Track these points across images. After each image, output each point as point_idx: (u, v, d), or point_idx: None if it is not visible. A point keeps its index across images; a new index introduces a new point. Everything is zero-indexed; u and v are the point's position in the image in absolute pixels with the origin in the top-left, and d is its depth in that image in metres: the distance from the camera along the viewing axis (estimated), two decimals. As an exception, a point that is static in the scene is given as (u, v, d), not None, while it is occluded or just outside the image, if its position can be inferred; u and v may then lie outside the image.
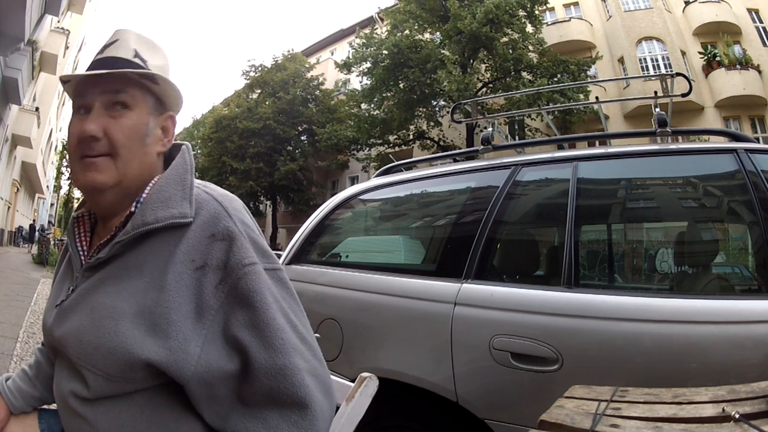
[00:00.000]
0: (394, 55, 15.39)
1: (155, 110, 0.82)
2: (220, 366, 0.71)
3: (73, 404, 0.74)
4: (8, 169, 16.44)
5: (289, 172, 21.99)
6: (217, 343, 0.71)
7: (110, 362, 0.69)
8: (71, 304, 0.77)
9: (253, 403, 0.72)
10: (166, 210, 0.75)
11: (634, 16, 15.96)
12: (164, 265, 0.72)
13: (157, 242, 0.75)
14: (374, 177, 2.29)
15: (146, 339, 0.69)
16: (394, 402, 1.54)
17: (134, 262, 0.74)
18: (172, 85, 0.82)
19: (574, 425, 0.70)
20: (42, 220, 28.10)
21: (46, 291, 7.39)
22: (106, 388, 0.71)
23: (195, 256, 0.73)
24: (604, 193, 1.86)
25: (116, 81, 0.77)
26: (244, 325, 0.71)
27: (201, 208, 0.76)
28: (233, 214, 0.77)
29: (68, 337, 0.74)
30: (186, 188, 0.78)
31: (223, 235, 0.74)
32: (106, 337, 0.70)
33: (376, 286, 1.73)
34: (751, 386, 0.75)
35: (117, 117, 0.77)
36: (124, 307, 0.71)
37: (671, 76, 2.04)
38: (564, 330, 1.33)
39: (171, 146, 0.86)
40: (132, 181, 0.78)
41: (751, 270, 1.60)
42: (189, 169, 0.81)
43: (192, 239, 0.74)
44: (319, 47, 27.10)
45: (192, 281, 0.72)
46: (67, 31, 13.61)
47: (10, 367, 3.30)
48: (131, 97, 0.78)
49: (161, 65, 0.83)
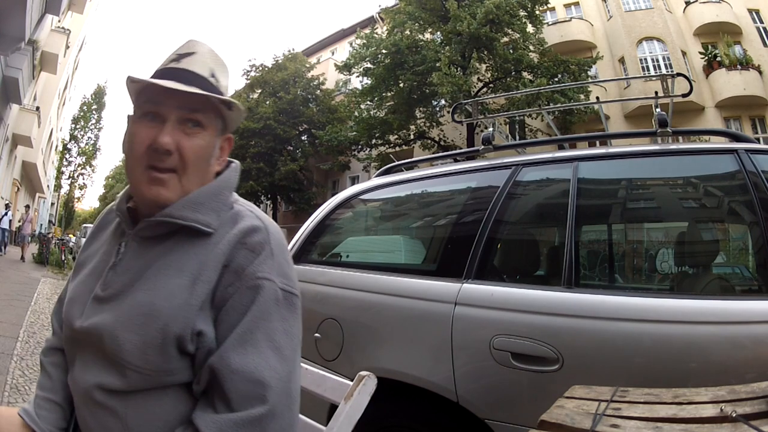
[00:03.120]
0: (393, 54, 15.40)
1: (220, 131, 0.85)
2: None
3: (99, 397, 0.74)
4: (9, 169, 16.45)
5: (289, 172, 21.99)
6: (209, 334, 0.75)
7: (148, 358, 0.72)
8: (107, 298, 0.78)
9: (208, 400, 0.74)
10: (193, 213, 0.78)
11: (635, 16, 15.95)
12: (204, 267, 0.75)
13: (187, 243, 0.78)
14: (375, 177, 2.30)
15: (182, 332, 0.72)
16: (394, 402, 1.54)
17: (171, 263, 0.77)
18: (241, 112, 0.85)
19: (574, 425, 0.70)
20: (42, 219, 28.11)
21: (47, 290, 7.39)
22: (142, 382, 0.73)
23: (226, 257, 0.76)
24: (604, 193, 1.86)
25: (196, 99, 0.78)
26: (228, 323, 0.74)
27: (241, 219, 0.80)
28: (272, 233, 0.80)
29: (102, 332, 0.74)
30: (219, 201, 0.81)
31: (253, 246, 0.77)
32: (145, 334, 0.72)
33: (377, 286, 1.73)
34: (751, 386, 0.75)
35: (190, 134, 0.79)
36: (162, 304, 0.73)
37: (672, 77, 2.04)
38: (564, 330, 1.33)
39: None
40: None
41: (751, 270, 1.60)
42: (229, 185, 0.85)
43: (226, 243, 0.77)
44: (320, 47, 27.09)
45: (216, 278, 0.75)
46: (67, 31, 13.61)
47: (10, 367, 3.31)
48: (206, 118, 0.80)
49: (227, 85, 0.86)
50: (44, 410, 0.83)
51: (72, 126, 32.92)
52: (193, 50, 0.83)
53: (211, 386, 0.73)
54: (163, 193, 0.77)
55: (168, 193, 0.78)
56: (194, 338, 0.73)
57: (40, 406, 0.83)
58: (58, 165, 31.59)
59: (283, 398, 0.72)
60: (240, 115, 0.85)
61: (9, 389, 2.91)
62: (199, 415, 0.71)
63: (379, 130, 17.20)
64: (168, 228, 0.79)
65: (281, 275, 0.78)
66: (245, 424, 0.69)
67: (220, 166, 0.87)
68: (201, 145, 0.79)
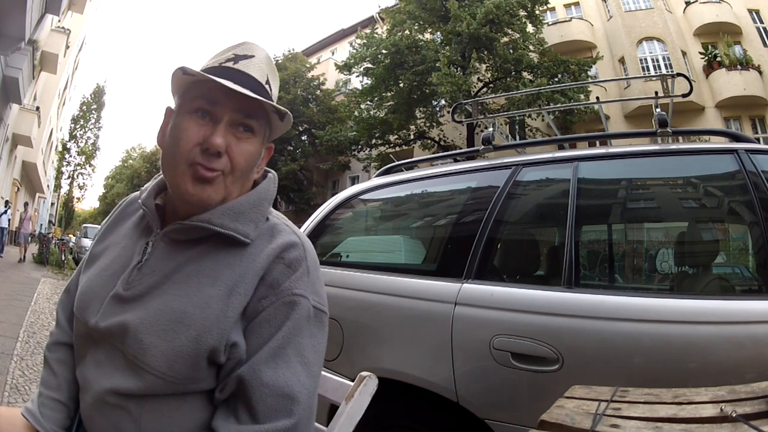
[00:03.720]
0: (393, 54, 15.40)
1: (266, 140, 0.84)
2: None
3: (113, 400, 0.72)
4: (9, 169, 16.44)
5: (289, 172, 21.97)
6: (239, 346, 0.74)
7: (175, 366, 0.70)
8: (130, 298, 0.75)
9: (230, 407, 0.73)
10: (233, 222, 0.77)
11: (635, 16, 15.95)
12: (242, 278, 0.74)
13: (222, 252, 0.77)
14: (375, 177, 2.30)
15: (216, 343, 0.71)
16: (394, 402, 1.54)
17: (203, 270, 0.75)
18: (290, 123, 0.84)
19: (574, 425, 0.70)
20: (42, 219, 28.12)
21: (47, 290, 7.39)
22: (161, 387, 0.71)
23: (261, 271, 0.75)
24: (604, 193, 1.86)
25: (252, 104, 0.77)
26: (260, 335, 0.73)
27: (279, 234, 0.79)
28: (308, 250, 0.80)
29: (126, 333, 0.72)
30: (258, 213, 0.80)
31: (289, 262, 0.76)
32: (173, 340, 0.70)
33: (377, 286, 1.73)
34: (751, 386, 0.75)
35: (241, 139, 0.77)
36: (195, 313, 0.72)
37: (672, 77, 2.04)
38: (564, 330, 1.33)
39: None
40: (230, 201, 0.79)
41: (751, 270, 1.60)
42: (268, 197, 0.84)
43: (265, 257, 0.76)
44: (320, 47, 27.08)
45: (251, 289, 0.74)
46: (67, 31, 13.59)
47: (10, 367, 3.31)
48: (258, 124, 0.80)
49: (277, 95, 0.85)
50: (49, 409, 0.81)
51: (72, 126, 32.93)
52: (251, 53, 0.81)
53: (236, 396, 0.71)
54: (209, 191, 0.75)
55: (213, 193, 0.76)
56: (227, 350, 0.72)
57: (45, 405, 0.81)
58: (57, 165, 31.58)
59: (307, 413, 0.72)
60: (288, 126, 0.84)
61: (9, 389, 2.91)
62: (220, 424, 0.70)
63: (379, 130, 17.20)
64: (202, 233, 0.77)
65: (314, 293, 0.77)
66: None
67: (259, 174, 0.86)
68: (251, 151, 0.78)
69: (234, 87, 0.73)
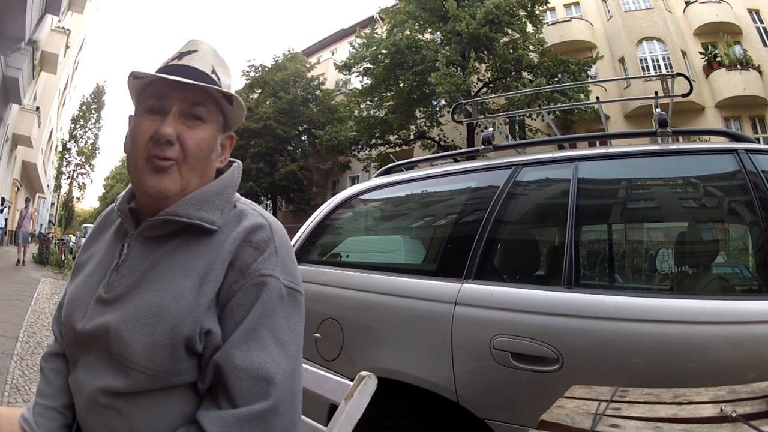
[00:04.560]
0: (393, 54, 15.40)
1: (222, 128, 0.86)
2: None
3: (104, 400, 0.74)
4: (9, 169, 16.44)
5: (289, 172, 21.98)
6: (215, 333, 0.75)
7: (156, 359, 0.72)
8: (111, 299, 0.77)
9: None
10: (197, 211, 0.79)
11: (635, 16, 15.95)
12: (212, 266, 0.76)
13: (193, 243, 0.78)
14: (375, 177, 2.30)
15: (191, 332, 0.72)
16: (394, 402, 1.54)
17: (176, 263, 0.77)
18: (242, 108, 0.86)
19: (574, 425, 0.70)
20: (42, 219, 28.11)
21: (47, 290, 7.39)
22: (147, 383, 0.73)
23: (230, 257, 0.77)
24: (604, 193, 1.86)
25: (197, 92, 0.80)
26: (233, 319, 0.74)
27: (245, 218, 0.81)
28: (276, 231, 0.81)
29: (108, 333, 0.74)
30: (223, 199, 0.82)
31: (257, 244, 0.77)
32: (152, 334, 0.72)
33: (377, 286, 1.73)
34: (751, 386, 0.75)
35: (192, 127, 0.80)
36: (170, 305, 0.73)
37: (672, 77, 2.04)
38: (564, 330, 1.33)
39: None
40: (192, 191, 0.81)
41: (751, 270, 1.60)
42: (232, 184, 0.86)
43: (231, 242, 0.77)
44: (320, 47, 27.08)
45: (221, 275, 0.76)
46: (67, 31, 13.60)
47: (10, 367, 3.31)
48: (208, 111, 0.82)
49: (229, 85, 0.87)
50: (43, 418, 0.82)
51: (71, 126, 32.94)
52: (195, 48, 0.85)
53: (216, 384, 0.73)
54: (165, 182, 0.78)
55: (170, 183, 0.78)
56: (203, 337, 0.73)
57: (39, 414, 0.82)
58: (57, 165, 31.58)
59: (286, 394, 0.72)
60: (241, 111, 0.86)
61: (9, 389, 2.91)
62: (202, 412, 0.71)
63: (379, 130, 17.20)
64: (172, 227, 0.79)
65: (285, 272, 0.78)
66: (248, 420, 0.69)
67: (221, 164, 0.88)
68: (202, 137, 0.80)
69: (176, 79, 0.77)
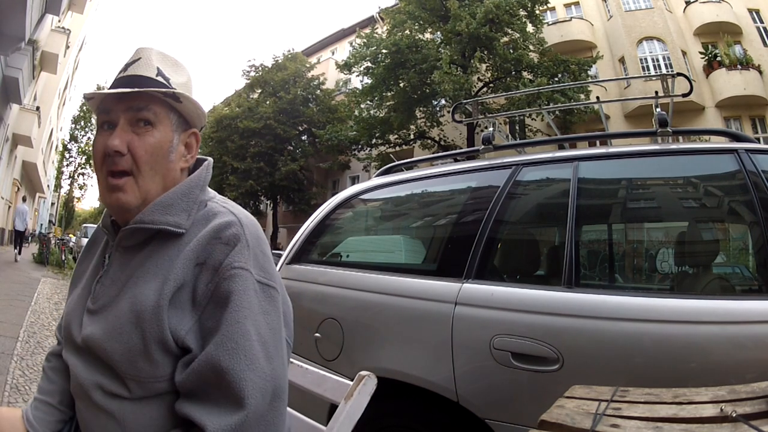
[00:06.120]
0: (394, 54, 15.39)
1: (179, 127, 0.85)
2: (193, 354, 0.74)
3: (99, 399, 0.75)
4: (9, 169, 16.44)
5: (289, 172, 21.97)
6: (196, 335, 0.75)
7: (137, 365, 0.73)
8: (96, 310, 0.80)
9: (191, 391, 0.73)
10: (163, 215, 0.79)
11: (635, 15, 15.94)
12: (173, 266, 0.76)
13: (163, 247, 0.79)
14: (375, 177, 2.29)
15: (159, 334, 0.73)
16: (394, 402, 1.54)
17: (149, 268, 0.78)
18: (194, 103, 0.85)
19: (574, 425, 0.70)
20: (42, 219, 28.11)
21: (47, 290, 7.39)
22: (141, 390, 0.74)
23: (199, 254, 0.76)
24: (604, 193, 1.86)
25: (140, 99, 0.80)
26: (213, 319, 0.73)
27: (214, 217, 0.80)
28: (246, 226, 0.80)
29: (93, 344, 0.76)
30: (189, 201, 0.82)
31: (228, 240, 0.76)
32: (129, 341, 0.74)
33: (377, 286, 1.73)
34: (751, 386, 0.75)
35: (141, 134, 0.80)
36: (141, 310, 0.74)
37: (672, 76, 2.04)
38: (564, 330, 1.33)
39: (195, 161, 0.89)
40: (155, 197, 0.81)
41: (751, 270, 1.60)
42: (200, 183, 0.85)
43: (200, 241, 0.77)
44: (320, 47, 27.07)
45: (192, 276, 0.76)
46: (67, 31, 13.58)
47: (10, 367, 3.31)
48: (154, 114, 0.81)
49: (183, 82, 0.86)
50: (40, 412, 0.84)
51: (72, 126, 32.96)
52: (139, 56, 0.85)
53: (198, 385, 0.72)
54: (121, 197, 0.79)
55: (126, 197, 0.79)
56: (176, 338, 0.73)
57: (37, 408, 0.85)
58: (58, 165, 31.60)
59: (266, 397, 0.71)
60: (195, 106, 0.85)
61: (9, 389, 2.91)
62: (184, 412, 0.72)
63: (379, 129, 17.19)
64: (143, 234, 0.80)
65: (258, 267, 0.77)
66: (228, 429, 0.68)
67: (187, 164, 0.87)
68: (152, 142, 0.80)
69: (115, 91, 0.78)
